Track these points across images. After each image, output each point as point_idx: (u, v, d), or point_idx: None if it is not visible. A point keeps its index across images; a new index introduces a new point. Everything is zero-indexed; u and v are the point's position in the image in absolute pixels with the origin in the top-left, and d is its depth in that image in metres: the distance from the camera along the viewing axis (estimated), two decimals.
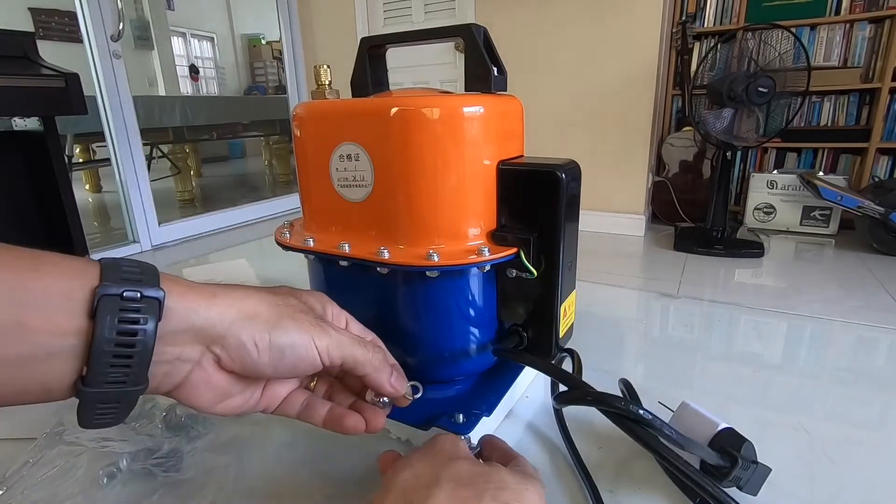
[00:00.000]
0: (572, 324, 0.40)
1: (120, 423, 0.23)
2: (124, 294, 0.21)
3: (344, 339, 0.27)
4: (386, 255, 0.32)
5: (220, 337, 0.24)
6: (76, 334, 0.20)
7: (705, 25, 2.78)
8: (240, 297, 0.25)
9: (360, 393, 0.31)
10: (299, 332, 0.26)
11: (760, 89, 2.02)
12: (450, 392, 0.38)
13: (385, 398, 0.30)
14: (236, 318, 0.24)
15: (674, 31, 2.77)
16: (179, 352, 0.23)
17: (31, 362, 0.20)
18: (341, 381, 0.32)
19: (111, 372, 0.21)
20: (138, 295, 0.21)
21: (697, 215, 2.58)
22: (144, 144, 3.29)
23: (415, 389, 0.31)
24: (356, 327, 0.31)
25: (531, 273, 0.34)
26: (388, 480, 0.24)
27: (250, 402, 0.27)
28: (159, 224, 2.72)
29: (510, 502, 0.23)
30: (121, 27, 2.36)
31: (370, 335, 0.32)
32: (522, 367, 0.41)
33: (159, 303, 0.21)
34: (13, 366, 0.20)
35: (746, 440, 0.29)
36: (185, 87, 6.58)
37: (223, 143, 6.43)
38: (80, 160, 3.96)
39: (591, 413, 0.31)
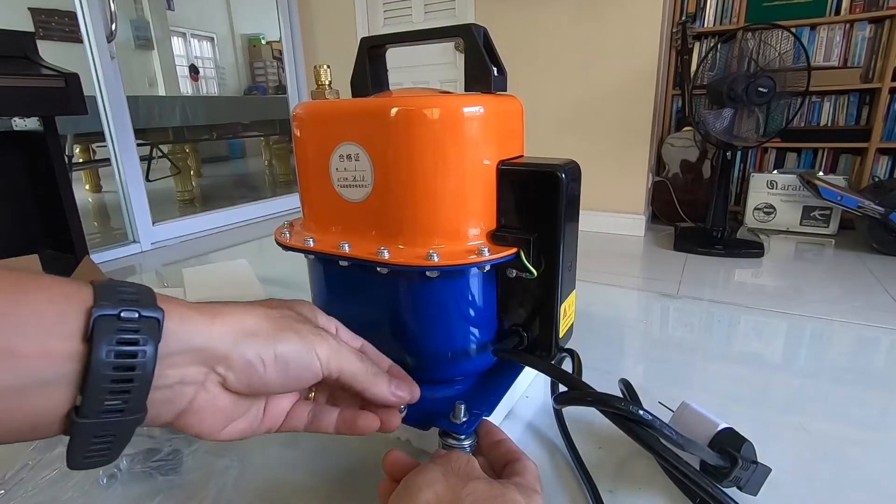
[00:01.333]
0: (572, 324, 0.40)
1: (112, 462, 0.22)
2: (121, 314, 0.19)
3: (342, 348, 0.27)
4: (386, 255, 0.32)
5: (224, 357, 0.23)
6: (71, 359, 0.19)
7: (705, 25, 2.78)
8: (240, 314, 0.25)
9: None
10: (301, 342, 0.25)
11: (760, 89, 2.02)
12: (450, 392, 0.38)
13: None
14: (239, 335, 0.24)
15: (674, 31, 2.77)
16: (182, 374, 0.22)
17: (21, 394, 0.18)
18: (342, 388, 0.31)
19: (109, 399, 0.19)
20: (136, 315, 0.20)
21: (697, 215, 2.58)
22: (144, 144, 3.29)
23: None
24: (346, 334, 0.31)
25: (531, 273, 0.34)
26: (408, 497, 0.24)
27: (254, 424, 0.27)
28: (153, 223, 2.72)
29: None
30: (113, 28, 2.36)
31: (359, 341, 0.31)
32: (522, 367, 0.41)
33: (159, 322, 0.20)
34: (1, 398, 0.18)
35: (746, 440, 0.29)
36: (185, 87, 6.58)
37: (223, 143, 6.44)
38: (80, 160, 3.96)
39: (590, 413, 0.31)
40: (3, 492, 0.30)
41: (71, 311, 0.19)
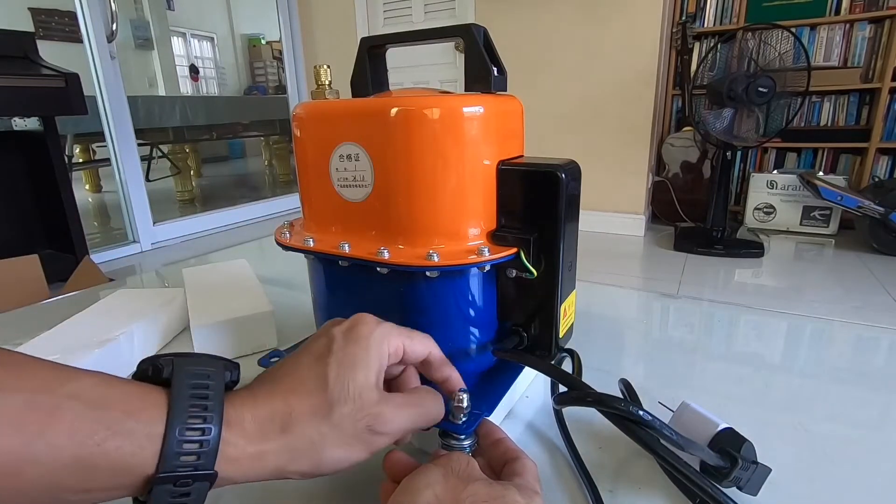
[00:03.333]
0: (572, 324, 0.40)
1: None
2: (176, 483, 0.21)
3: (399, 422, 0.27)
4: (386, 255, 0.32)
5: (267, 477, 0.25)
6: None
7: (705, 25, 2.78)
8: (290, 437, 0.24)
9: None
10: (345, 452, 0.25)
11: (760, 89, 2.02)
12: None
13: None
14: (283, 467, 0.25)
15: (674, 31, 2.77)
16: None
17: None
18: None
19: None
20: (190, 481, 0.21)
21: (697, 215, 2.58)
22: (144, 144, 3.29)
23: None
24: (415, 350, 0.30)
25: (531, 273, 0.34)
26: (408, 498, 0.24)
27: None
28: (153, 224, 2.72)
29: None
30: (114, 28, 2.36)
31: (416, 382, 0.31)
32: (522, 367, 0.41)
33: (210, 484, 0.22)
34: None
35: (746, 440, 0.29)
36: (185, 87, 6.58)
37: (223, 143, 6.44)
38: (80, 160, 3.96)
39: (590, 413, 0.31)
40: None
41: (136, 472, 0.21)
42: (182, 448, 0.21)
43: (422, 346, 0.29)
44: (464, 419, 0.30)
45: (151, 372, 0.23)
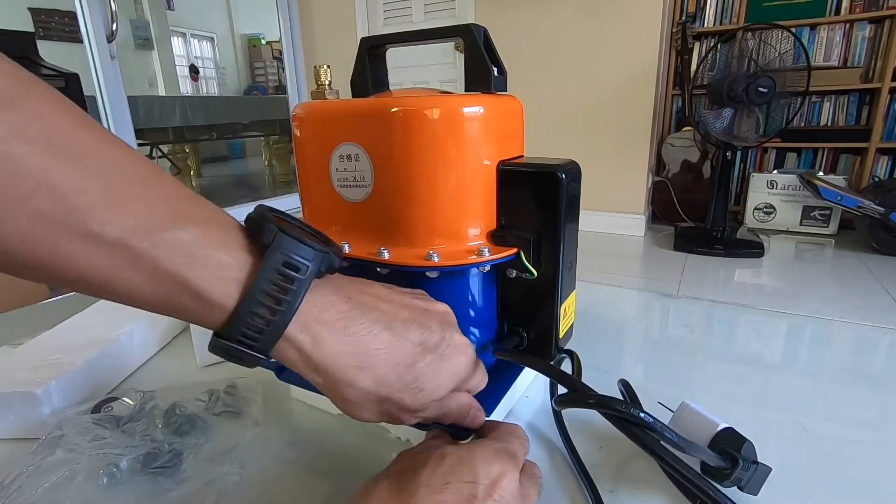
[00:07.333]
0: (572, 324, 0.40)
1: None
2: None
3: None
4: (386, 256, 0.32)
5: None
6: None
7: (705, 25, 2.78)
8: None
9: None
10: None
11: (760, 89, 2.02)
12: None
13: None
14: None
15: (674, 31, 2.77)
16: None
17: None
18: None
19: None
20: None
21: (697, 215, 2.58)
22: (145, 144, 3.29)
23: None
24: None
25: (531, 273, 0.34)
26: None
27: None
28: None
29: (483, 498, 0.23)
30: (114, 28, 2.36)
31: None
32: (522, 367, 0.41)
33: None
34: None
35: (746, 440, 0.29)
36: (185, 87, 6.57)
37: (223, 143, 6.43)
38: None
39: (590, 413, 0.31)
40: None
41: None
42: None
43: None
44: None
45: (251, 232, 0.23)
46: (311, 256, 0.23)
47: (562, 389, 0.33)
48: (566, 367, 0.41)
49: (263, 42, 7.26)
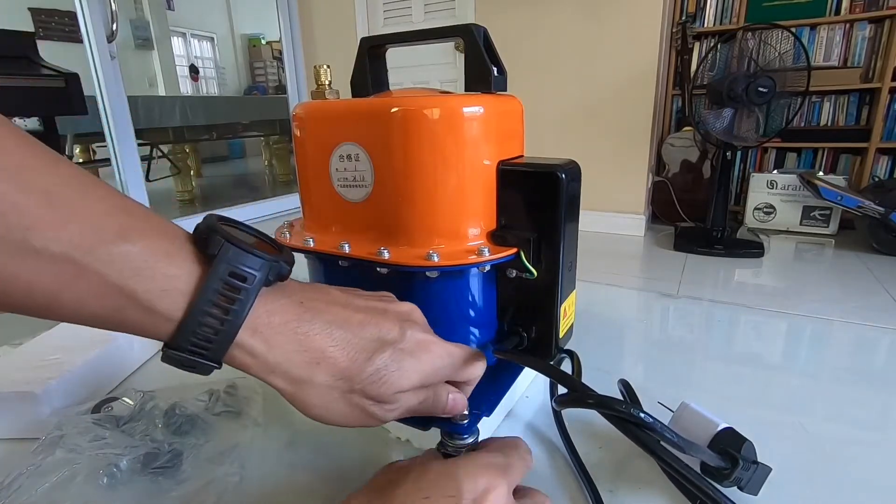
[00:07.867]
0: (572, 324, 0.40)
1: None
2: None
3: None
4: (386, 256, 0.32)
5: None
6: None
7: (705, 25, 2.78)
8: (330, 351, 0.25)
9: None
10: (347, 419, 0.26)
11: (760, 89, 2.02)
12: None
13: None
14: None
15: (674, 31, 2.77)
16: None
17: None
18: None
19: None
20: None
21: (697, 215, 2.58)
22: (144, 144, 3.29)
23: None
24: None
25: (531, 273, 0.34)
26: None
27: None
28: None
29: None
30: (114, 28, 2.35)
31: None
32: (522, 367, 0.41)
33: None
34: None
35: (747, 440, 0.29)
36: (185, 87, 6.58)
37: (223, 143, 6.43)
38: (80, 160, 3.95)
39: (590, 413, 0.31)
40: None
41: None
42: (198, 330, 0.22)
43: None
44: (465, 419, 0.30)
45: (198, 242, 0.23)
46: (257, 266, 0.23)
47: (562, 389, 0.32)
48: (566, 367, 0.41)
49: (263, 42, 7.27)
